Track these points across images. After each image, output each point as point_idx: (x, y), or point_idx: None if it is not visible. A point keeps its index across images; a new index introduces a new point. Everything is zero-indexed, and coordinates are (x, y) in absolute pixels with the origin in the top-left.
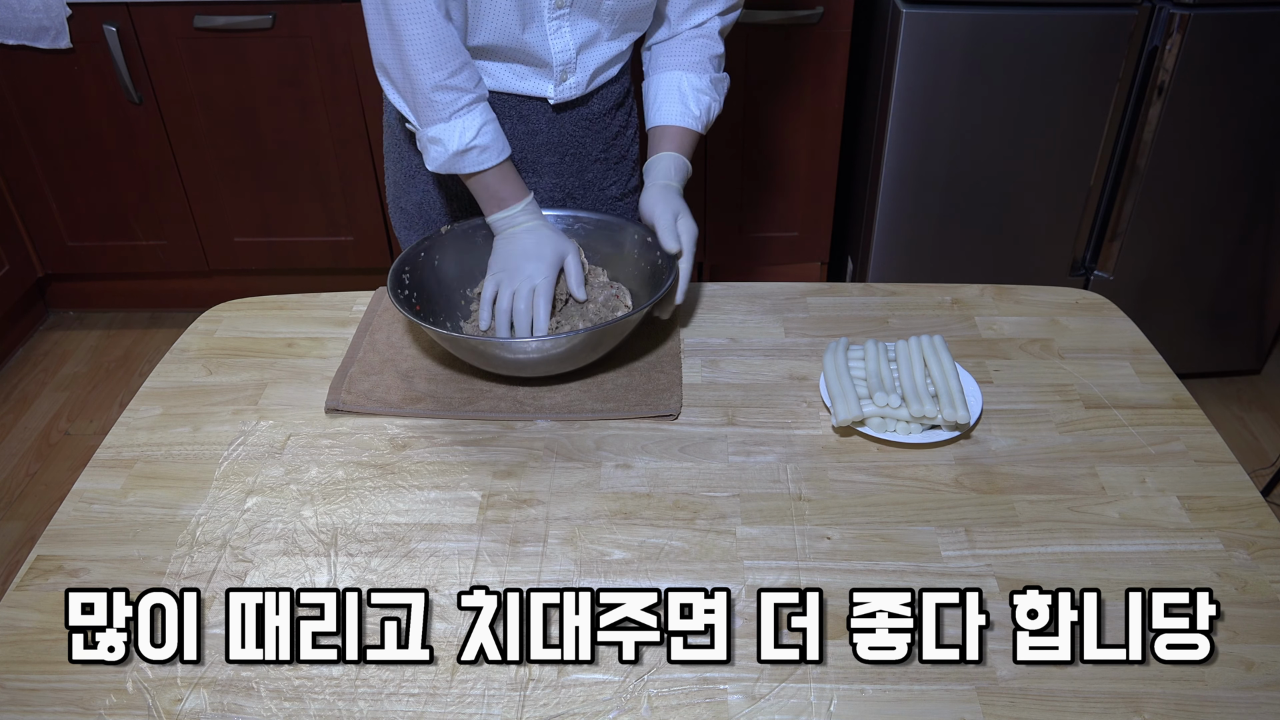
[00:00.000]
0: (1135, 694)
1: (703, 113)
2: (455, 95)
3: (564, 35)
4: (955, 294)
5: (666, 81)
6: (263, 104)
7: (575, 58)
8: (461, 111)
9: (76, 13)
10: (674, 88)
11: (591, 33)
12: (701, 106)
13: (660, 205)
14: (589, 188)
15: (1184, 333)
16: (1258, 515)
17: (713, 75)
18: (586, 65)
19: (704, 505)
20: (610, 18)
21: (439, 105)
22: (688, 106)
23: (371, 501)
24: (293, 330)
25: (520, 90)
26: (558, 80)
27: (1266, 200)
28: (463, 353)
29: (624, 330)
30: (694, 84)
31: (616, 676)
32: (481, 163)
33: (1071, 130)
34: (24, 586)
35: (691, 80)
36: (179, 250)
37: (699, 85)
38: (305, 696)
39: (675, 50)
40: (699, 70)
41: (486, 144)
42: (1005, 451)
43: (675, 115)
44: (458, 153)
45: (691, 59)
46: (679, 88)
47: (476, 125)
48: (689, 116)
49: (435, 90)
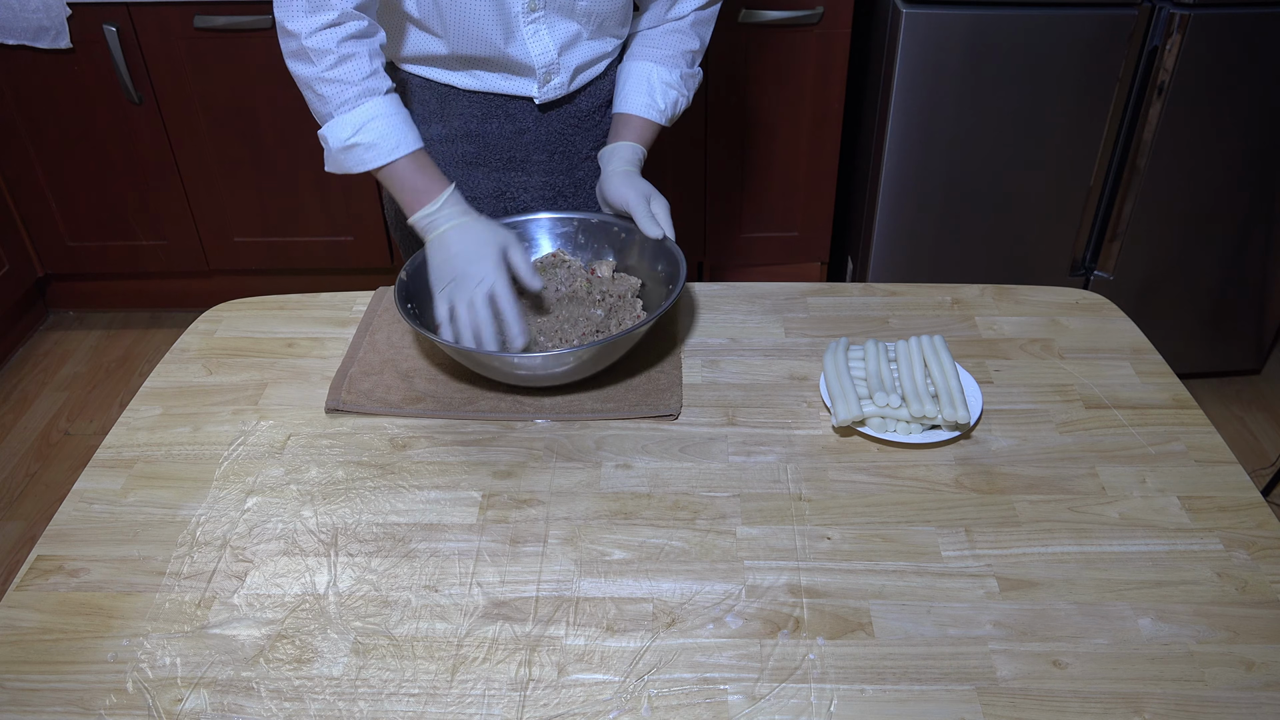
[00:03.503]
0: (1135, 694)
1: (668, 106)
2: (339, 88)
3: (543, 38)
4: (955, 294)
5: (637, 71)
6: (263, 104)
7: (557, 59)
8: (345, 105)
9: (76, 13)
10: (644, 78)
11: (571, 33)
12: (668, 100)
13: (629, 189)
14: (579, 186)
15: (1184, 333)
16: (1258, 515)
17: (684, 71)
18: (569, 65)
19: (704, 505)
20: (587, 18)
21: (325, 99)
22: (654, 99)
23: (371, 501)
24: (293, 330)
25: (506, 90)
26: (541, 81)
27: (1266, 200)
28: (477, 367)
29: (636, 338)
30: (664, 78)
31: (616, 676)
32: (367, 161)
33: (1071, 130)
34: (24, 586)
35: (662, 74)
36: (179, 250)
37: (668, 79)
38: (305, 696)
39: (652, 41)
40: (670, 64)
41: (372, 141)
42: (1005, 452)
43: (640, 106)
44: (340, 149)
45: (665, 52)
46: (648, 79)
47: (360, 121)
48: (654, 110)
49: (317, 83)
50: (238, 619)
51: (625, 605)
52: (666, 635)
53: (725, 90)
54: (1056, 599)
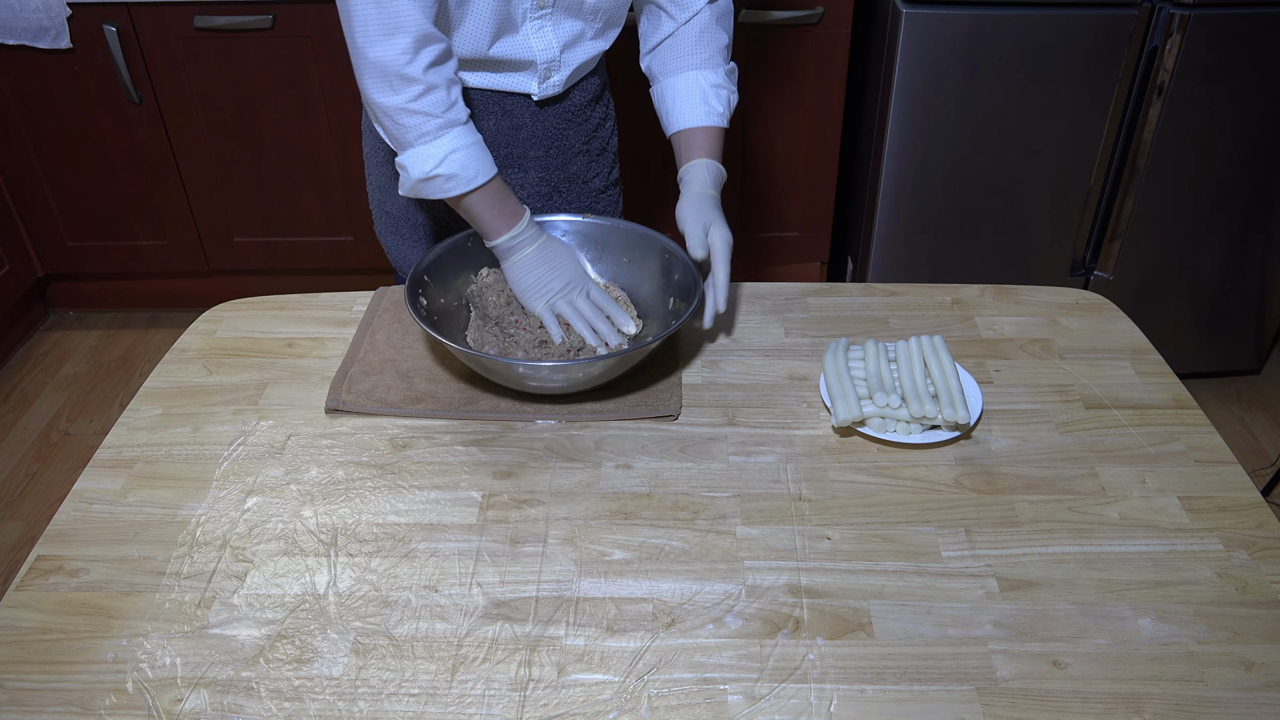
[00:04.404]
0: (1135, 694)
1: (725, 108)
2: (421, 120)
3: (546, 35)
4: (955, 294)
5: (683, 84)
6: (263, 104)
7: (559, 56)
8: (427, 137)
9: (76, 13)
10: (693, 88)
11: (575, 32)
12: (722, 101)
13: (692, 215)
14: (573, 180)
15: (1184, 333)
16: (1258, 515)
17: (725, 68)
18: (570, 63)
19: (704, 505)
20: (594, 15)
21: (406, 129)
22: (710, 105)
23: (371, 501)
24: (293, 330)
25: (504, 87)
26: (541, 78)
27: (1266, 200)
28: (491, 374)
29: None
30: (712, 80)
31: (616, 676)
32: (448, 190)
33: (1071, 130)
34: (24, 586)
35: (709, 77)
36: (179, 250)
37: (716, 81)
38: (305, 696)
39: (683, 50)
40: (712, 66)
41: (453, 173)
42: (1005, 452)
43: (700, 116)
44: (421, 180)
45: (702, 56)
46: (699, 87)
47: (442, 153)
48: (714, 115)
49: (398, 113)
50: (238, 619)
51: (625, 605)
52: (666, 635)
53: None
54: (1056, 599)
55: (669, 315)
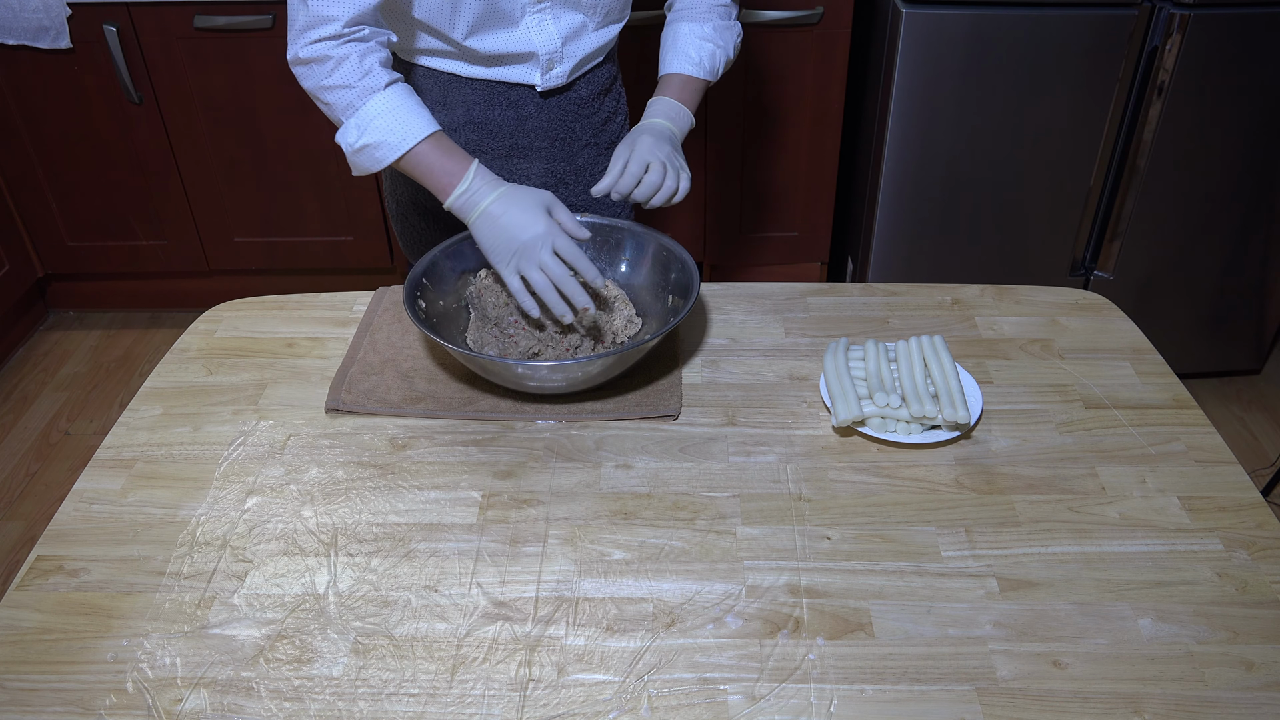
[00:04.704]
0: (1135, 694)
1: (704, 58)
2: (340, 93)
3: (546, 27)
4: (955, 294)
5: (670, 34)
6: (263, 104)
7: (561, 48)
8: (350, 109)
9: (76, 13)
10: (677, 38)
11: (576, 24)
12: (703, 53)
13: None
14: (580, 173)
15: (1184, 333)
16: (1258, 515)
17: (716, 24)
18: (573, 55)
19: (704, 505)
20: (593, 9)
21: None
22: (687, 54)
23: (371, 501)
24: (293, 330)
25: (508, 78)
26: (544, 69)
27: (1266, 200)
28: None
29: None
30: (696, 33)
31: (616, 676)
32: (381, 159)
33: (1071, 130)
34: (24, 586)
35: (694, 29)
36: (179, 250)
37: (701, 33)
38: (305, 696)
39: (685, 4)
40: (702, 19)
41: (379, 140)
42: (1005, 452)
43: (676, 64)
44: (354, 153)
45: (697, 10)
46: (683, 37)
47: (365, 122)
48: (690, 63)
49: (321, 93)
50: (238, 619)
51: (625, 605)
52: (666, 635)
53: (725, 90)
54: (1056, 599)
55: (667, 313)
